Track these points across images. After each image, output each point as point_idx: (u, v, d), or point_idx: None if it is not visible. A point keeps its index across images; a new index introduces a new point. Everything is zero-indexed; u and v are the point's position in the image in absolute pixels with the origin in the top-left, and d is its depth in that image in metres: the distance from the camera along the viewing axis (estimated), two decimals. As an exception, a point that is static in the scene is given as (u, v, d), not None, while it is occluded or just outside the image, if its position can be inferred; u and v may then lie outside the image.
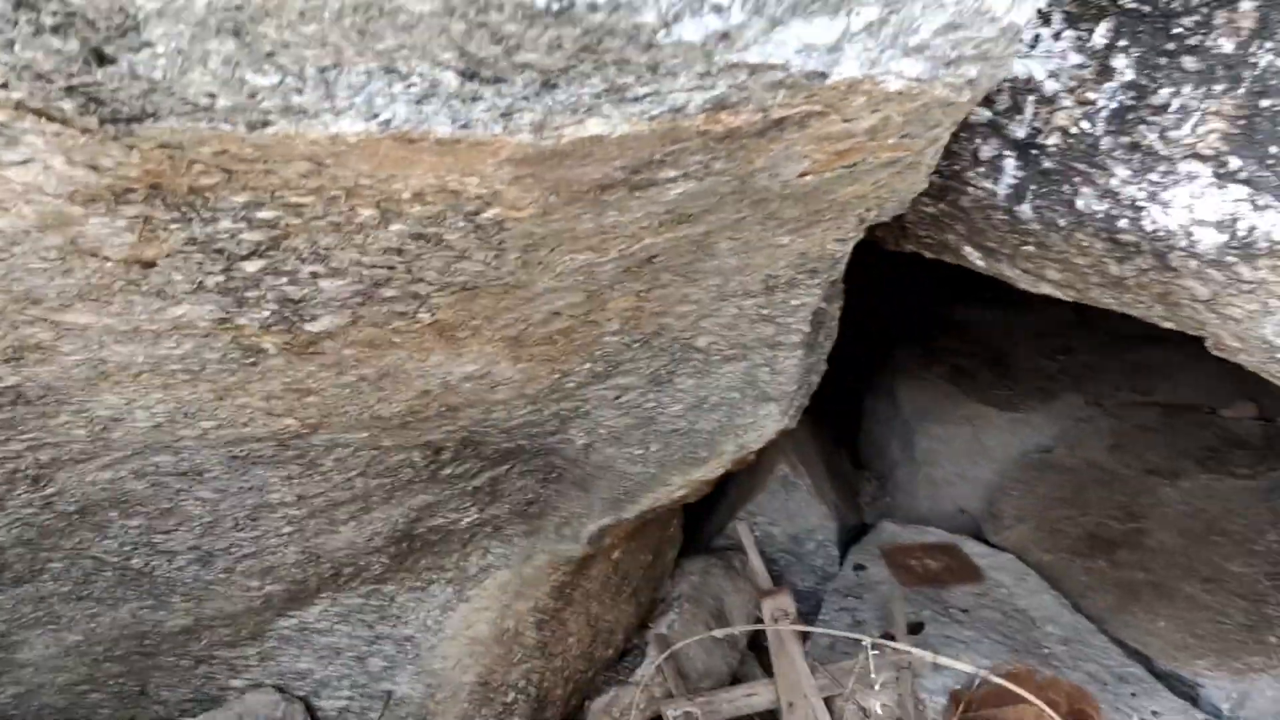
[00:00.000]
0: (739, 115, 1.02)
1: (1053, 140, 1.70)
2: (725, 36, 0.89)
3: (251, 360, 1.30)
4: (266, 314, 1.20)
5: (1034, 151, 1.73)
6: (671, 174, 1.11)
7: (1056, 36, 1.66)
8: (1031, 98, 1.70)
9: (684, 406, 1.97)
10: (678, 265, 1.37)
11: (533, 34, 0.83)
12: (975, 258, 1.98)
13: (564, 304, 1.37)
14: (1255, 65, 1.48)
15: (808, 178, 1.26)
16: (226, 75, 0.84)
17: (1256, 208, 1.51)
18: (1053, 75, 1.68)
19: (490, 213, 1.08)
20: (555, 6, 0.81)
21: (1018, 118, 1.72)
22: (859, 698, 2.72)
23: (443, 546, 2.50)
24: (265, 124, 0.89)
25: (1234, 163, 1.52)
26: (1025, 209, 1.78)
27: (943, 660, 2.32)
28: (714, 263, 1.41)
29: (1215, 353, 1.81)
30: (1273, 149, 1.48)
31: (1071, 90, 1.66)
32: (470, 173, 1.00)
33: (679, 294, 1.50)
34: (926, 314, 5.03)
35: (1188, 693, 3.12)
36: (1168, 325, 1.83)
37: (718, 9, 0.86)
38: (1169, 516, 3.75)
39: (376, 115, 0.89)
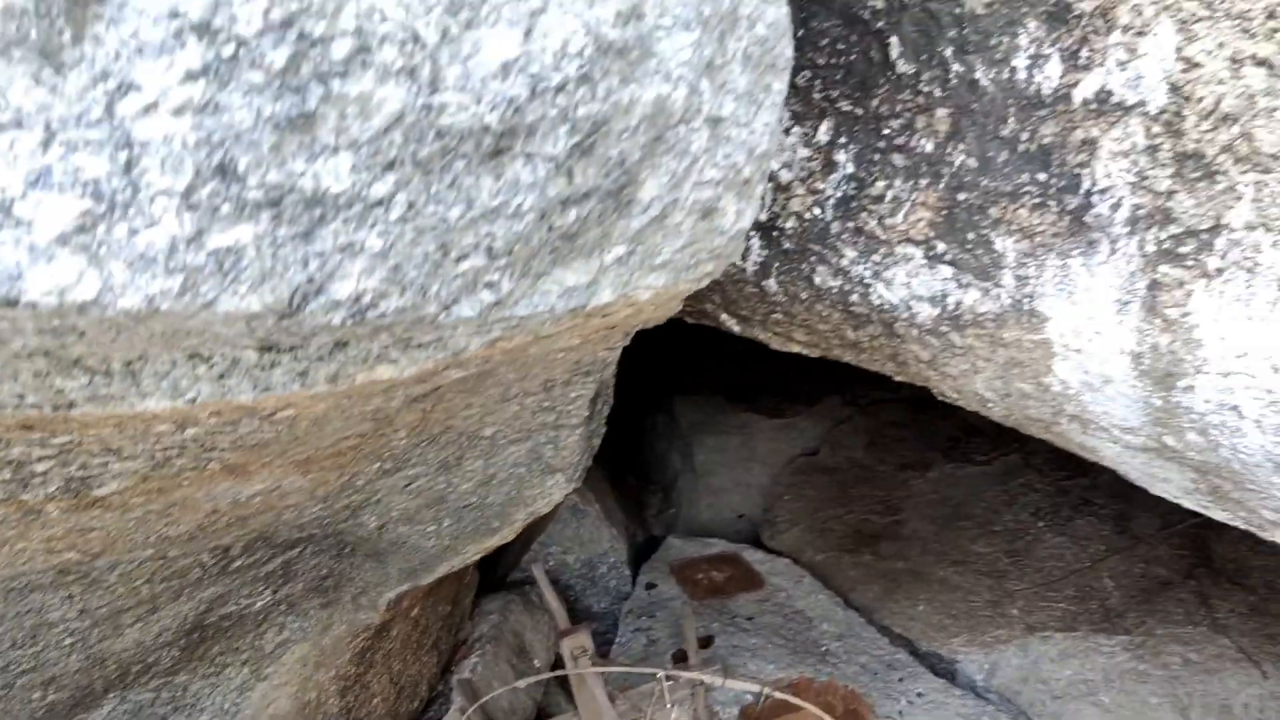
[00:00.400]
0: (513, 341, 1.12)
1: (790, 224, 1.89)
2: (498, 304, 0.98)
3: (33, 517, 1.29)
4: (52, 489, 1.19)
5: (775, 233, 1.91)
6: (455, 374, 1.20)
7: (787, 132, 1.85)
8: (770, 185, 1.89)
9: (474, 484, 2.05)
10: (461, 390, 1.45)
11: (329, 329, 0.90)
12: (731, 324, 2.16)
13: (353, 433, 1.42)
14: (952, 164, 1.71)
15: (576, 341, 1.37)
16: (36, 384, 0.86)
17: (960, 285, 1.75)
18: (786, 166, 1.86)
19: (285, 413, 1.13)
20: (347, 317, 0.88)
21: (760, 202, 1.90)
22: (658, 719, 2.89)
23: (236, 630, 2.47)
24: (71, 406, 0.91)
25: (940, 246, 1.75)
26: (771, 283, 1.96)
27: (731, 683, 2.51)
28: (495, 380, 1.50)
29: (943, 399, 2.07)
30: (970, 235, 1.72)
31: (803, 180, 1.86)
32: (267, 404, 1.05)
33: (463, 404, 1.58)
34: (702, 333, 5.29)
35: (946, 670, 3.48)
36: (900, 379, 2.08)
37: (490, 285, 0.95)
38: (921, 506, 4.15)
39: (182, 395, 0.93)
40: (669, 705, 2.79)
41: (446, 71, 0.82)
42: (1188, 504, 1.91)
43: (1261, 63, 1.42)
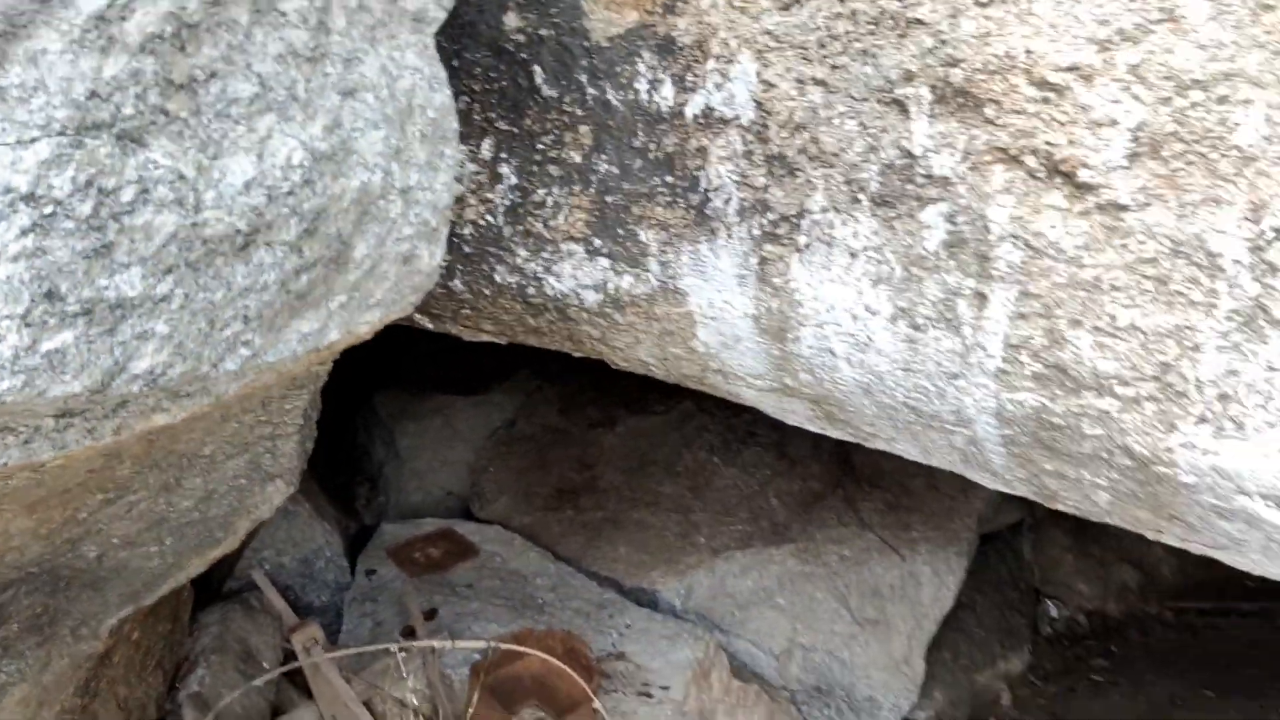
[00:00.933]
0: (260, 380, 1.30)
1: (468, 230, 2.15)
2: (253, 356, 1.17)
3: None
4: None
5: (455, 240, 2.17)
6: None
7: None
8: (445, 198, 2.14)
9: (195, 500, 2.15)
10: (190, 418, 1.59)
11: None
12: (425, 323, 2.40)
13: (84, 469, 1.53)
14: (598, 171, 2.04)
15: (301, 367, 1.56)
16: None
17: (617, 273, 2.09)
18: (457, 179, 2.12)
19: (56, 463, 1.24)
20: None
21: (437, 213, 2.14)
22: (394, 693, 3.10)
23: (-56, 686, 2.41)
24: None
25: (597, 242, 2.08)
26: (458, 284, 2.22)
27: (460, 644, 2.77)
28: (221, 404, 1.65)
29: (616, 367, 2.43)
30: (620, 231, 2.06)
31: (474, 191, 2.12)
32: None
33: (187, 429, 1.71)
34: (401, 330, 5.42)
35: (650, 600, 3.93)
36: (579, 354, 2.41)
37: (246, 343, 1.14)
38: (613, 459, 4.57)
39: (-3, 462, 1.05)
40: (405, 677, 3.00)
41: (205, 196, 1.09)
42: (812, 428, 2.38)
43: (820, 83, 1.85)
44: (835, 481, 4.48)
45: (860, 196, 1.86)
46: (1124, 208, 1.66)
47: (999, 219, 1.77)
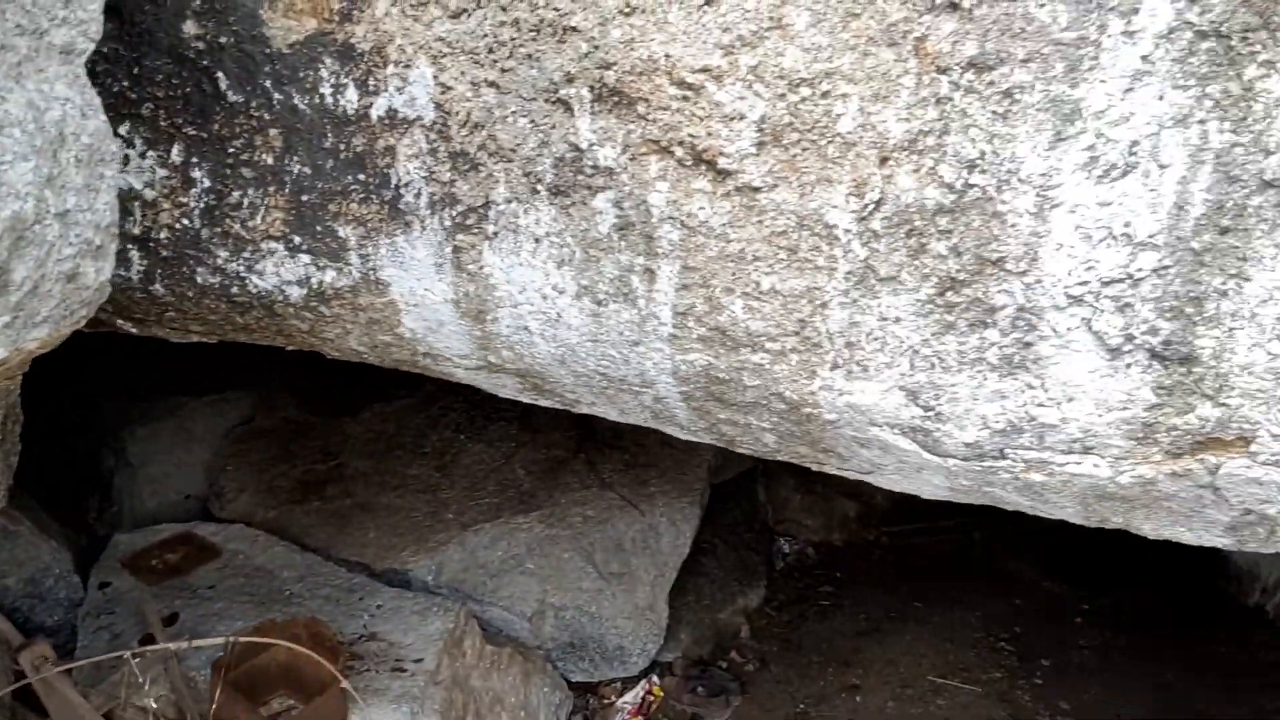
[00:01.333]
0: None
1: (164, 235, 2.19)
2: None
3: None
4: None
5: (152, 245, 2.20)
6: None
7: (143, 155, 2.13)
8: (137, 204, 2.16)
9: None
10: None
11: None
12: (128, 327, 2.40)
13: None
14: (291, 172, 2.13)
15: None
16: None
17: (319, 268, 2.19)
18: (149, 185, 2.15)
19: None
20: None
21: (131, 219, 2.17)
22: (136, 701, 3.07)
23: None
24: None
25: (297, 239, 2.17)
26: (158, 288, 2.25)
27: (196, 642, 2.79)
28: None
29: (331, 357, 2.52)
30: (318, 228, 2.16)
31: (167, 196, 2.16)
32: None
33: None
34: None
35: (401, 580, 4.04)
36: (291, 348, 2.49)
37: None
38: (358, 446, 4.62)
39: None
40: (144, 684, 2.98)
41: None
42: (526, 400, 2.57)
43: (492, 84, 2.01)
44: (577, 447, 4.72)
45: (538, 187, 2.05)
46: (757, 189, 1.93)
47: (658, 203, 2.00)
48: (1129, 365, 1.90)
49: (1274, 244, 1.75)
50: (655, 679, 4.41)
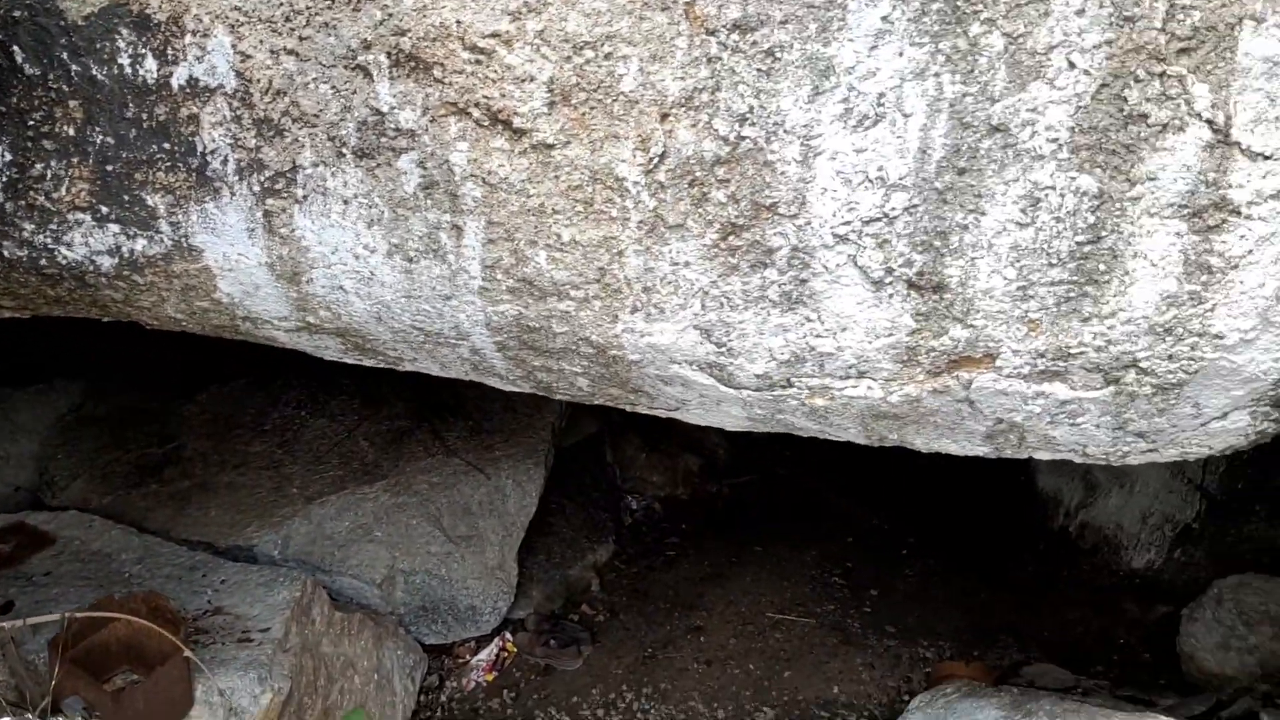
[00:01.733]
0: None
1: (-35, 209, 2.18)
2: None
3: None
4: None
5: (-47, 220, 2.19)
6: None
7: (-62, 130, 2.12)
8: (-65, 179, 2.15)
9: None
10: None
11: None
12: (-64, 306, 2.37)
13: None
14: (95, 143, 2.15)
15: None
16: None
17: (129, 237, 2.23)
18: (-54, 160, 2.14)
19: None
20: None
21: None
22: (-26, 692, 3.03)
23: None
24: None
25: (105, 209, 2.20)
26: (-38, 264, 2.24)
27: (31, 620, 2.78)
28: None
29: (149, 327, 2.54)
30: (126, 197, 2.20)
31: (-34, 170, 2.15)
32: None
33: None
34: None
35: (247, 555, 4.05)
36: (108, 319, 2.50)
37: None
38: (197, 428, 4.58)
39: None
40: (-23, 672, 2.95)
41: None
42: (350, 360, 2.65)
43: (291, 52, 2.09)
44: (421, 416, 4.79)
45: (344, 150, 2.14)
46: (551, 146, 2.07)
47: (460, 162, 2.12)
48: (890, 295, 2.13)
49: (1003, 181, 1.99)
50: (508, 636, 4.54)
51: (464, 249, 2.20)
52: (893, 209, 2.04)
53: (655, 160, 2.05)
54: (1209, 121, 1.91)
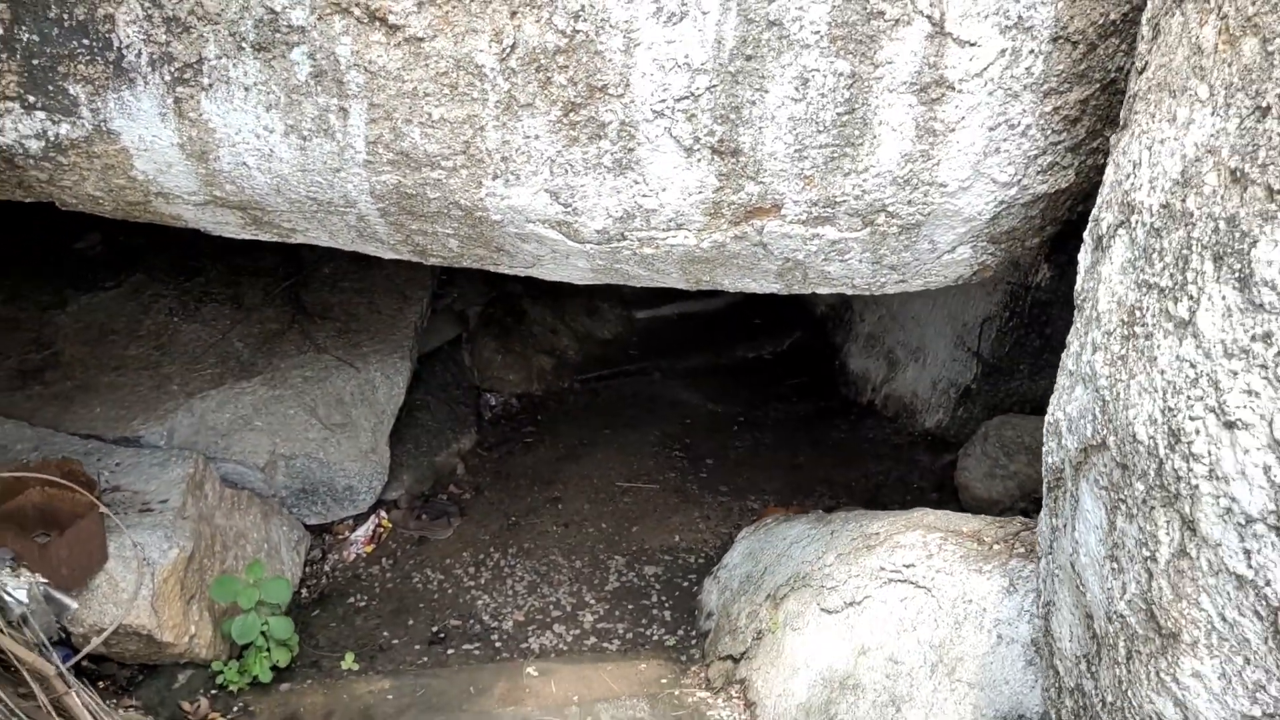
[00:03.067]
0: None
1: (-98, 98, 2.49)
2: None
3: None
4: None
5: (-109, 107, 2.50)
6: None
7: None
8: (-127, 70, 2.45)
9: None
10: None
11: None
12: None
13: None
14: (22, 40, 2.49)
15: None
16: None
17: (54, 123, 2.59)
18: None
19: None
20: None
21: None
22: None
23: None
24: None
25: (32, 99, 2.55)
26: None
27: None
28: None
29: (66, 207, 2.89)
30: (50, 88, 2.54)
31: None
32: None
33: None
34: None
35: (134, 445, 4.37)
36: (30, 200, 2.84)
37: None
38: (71, 335, 4.83)
39: None
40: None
41: None
42: (246, 235, 3.06)
43: (196, -40, 2.47)
44: (290, 320, 5.16)
45: (244, 45, 2.55)
46: (421, 39, 2.54)
47: (344, 54, 2.56)
48: (699, 160, 2.70)
49: (780, 66, 2.58)
50: (383, 514, 5.02)
51: (350, 128, 2.66)
52: (697, 89, 2.60)
53: (508, 50, 2.55)
54: (929, 17, 2.53)
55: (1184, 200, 1.51)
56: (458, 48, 2.55)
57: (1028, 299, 5.21)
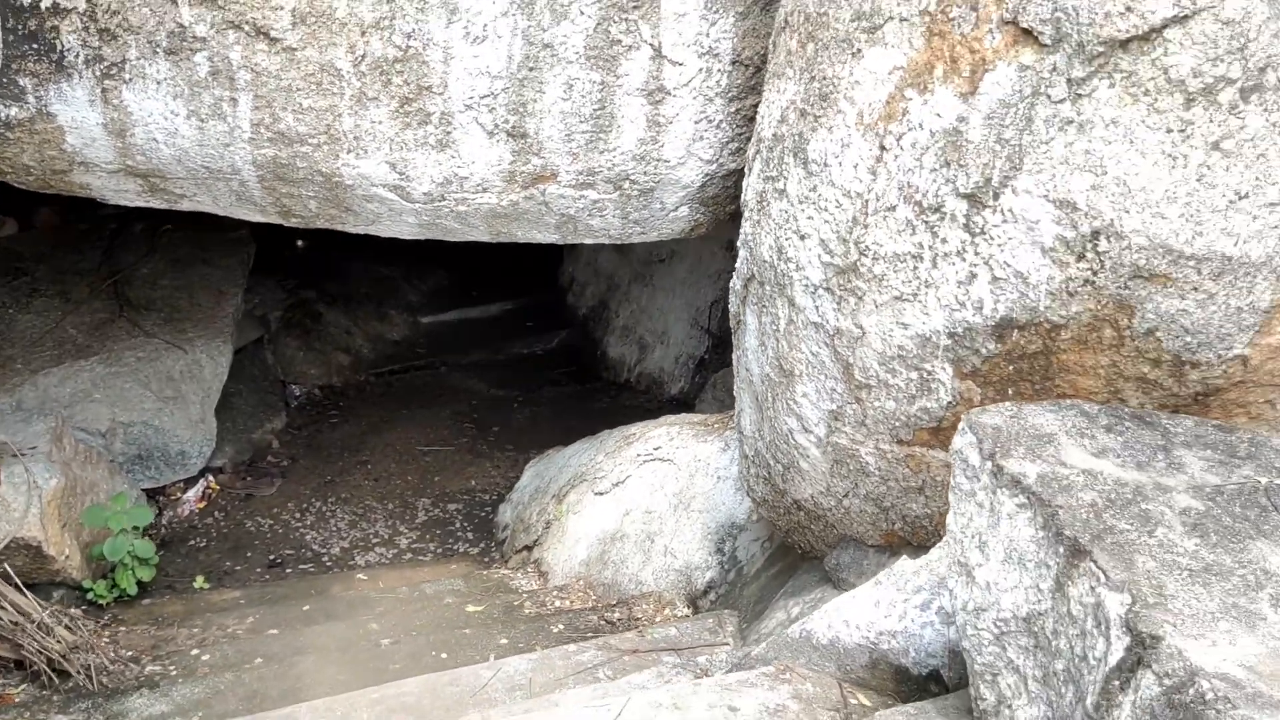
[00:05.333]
0: None
1: (-117, 82, 3.27)
2: None
3: None
4: None
5: (-127, 89, 3.26)
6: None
7: None
8: None
9: None
10: None
11: None
12: None
13: None
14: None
15: None
16: None
17: (5, 106, 3.42)
18: None
19: None
20: None
21: None
22: None
23: None
24: None
25: (-13, 85, 3.38)
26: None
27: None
28: None
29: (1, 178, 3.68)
30: (4, 80, 3.39)
31: (-114, 55, 3.25)
32: None
33: None
34: None
35: (-11, 413, 4.98)
36: (-33, 168, 3.62)
37: None
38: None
39: None
40: None
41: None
42: (139, 202, 3.94)
43: (124, -13, 3.42)
44: (118, 311, 5.86)
45: (158, 50, 3.50)
46: (295, 49, 3.57)
47: (235, 58, 3.55)
48: (498, 141, 3.86)
49: (553, 75, 3.79)
50: (210, 477, 5.78)
51: (239, 113, 3.64)
52: (496, 90, 3.77)
53: (360, 58, 3.63)
54: (651, 45, 3.82)
55: (780, 127, 2.81)
56: (322, 55, 3.60)
57: (745, 283, 6.66)
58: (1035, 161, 2.20)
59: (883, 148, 2.49)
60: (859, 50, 2.58)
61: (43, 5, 3.37)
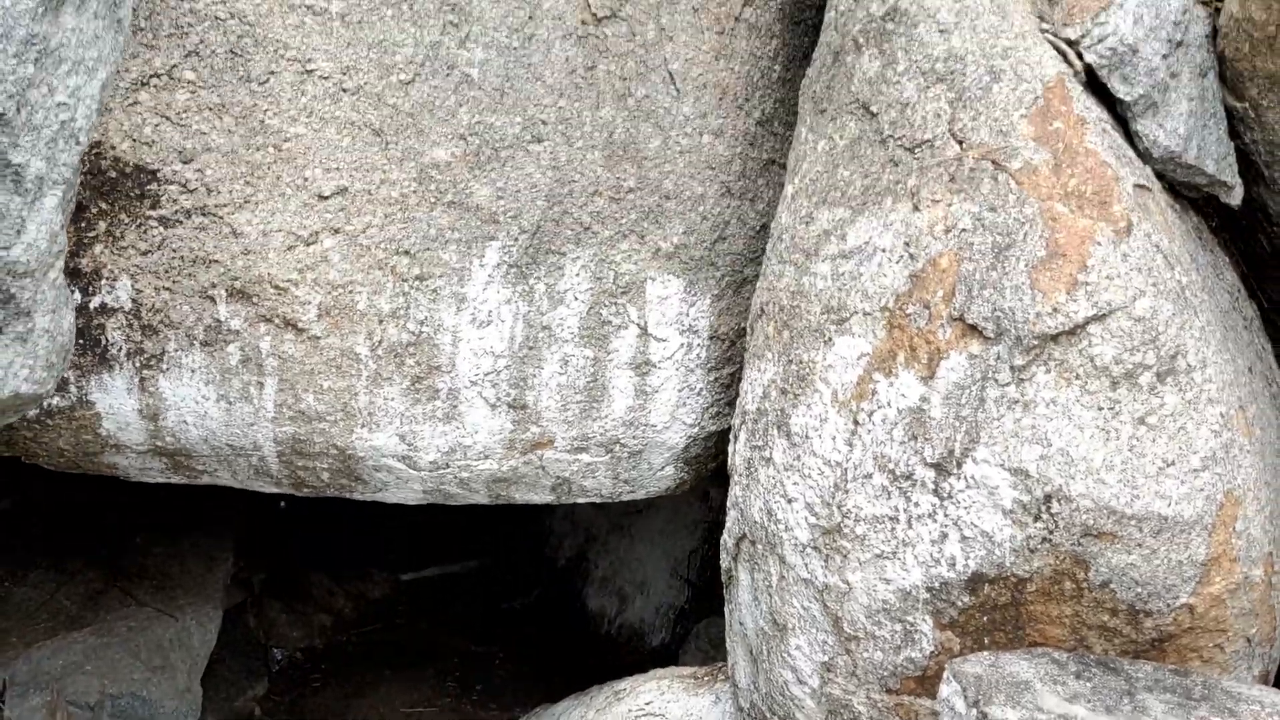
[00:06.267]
0: None
1: (-57, 379, 3.59)
2: None
3: None
4: None
5: (-67, 385, 3.58)
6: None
7: (-67, 330, 3.57)
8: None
9: None
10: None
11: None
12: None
13: None
14: (35, 338, 3.70)
15: None
16: None
17: (57, 392, 3.75)
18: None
19: None
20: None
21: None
22: None
23: None
24: None
25: (36, 378, 3.72)
26: (-69, 413, 3.61)
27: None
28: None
29: (29, 460, 3.95)
30: (51, 370, 3.74)
31: (-52, 355, 3.60)
32: None
33: None
34: None
35: (-19, 689, 5.02)
36: (8, 455, 3.89)
37: None
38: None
39: None
40: None
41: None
42: (161, 479, 4.20)
43: (166, 289, 3.84)
44: (112, 579, 5.99)
45: (194, 342, 3.88)
46: (319, 338, 3.97)
47: (265, 347, 3.94)
48: (500, 413, 4.23)
49: (550, 353, 4.21)
50: (195, 750, 5.75)
51: (264, 396, 3.99)
52: (498, 368, 4.17)
53: (376, 344, 4.03)
54: (638, 324, 4.28)
55: (764, 403, 3.21)
56: (343, 343, 4.01)
57: (719, 531, 6.95)
58: (990, 435, 2.58)
59: (856, 422, 2.88)
60: (830, 339, 3.01)
61: (91, 305, 3.77)
